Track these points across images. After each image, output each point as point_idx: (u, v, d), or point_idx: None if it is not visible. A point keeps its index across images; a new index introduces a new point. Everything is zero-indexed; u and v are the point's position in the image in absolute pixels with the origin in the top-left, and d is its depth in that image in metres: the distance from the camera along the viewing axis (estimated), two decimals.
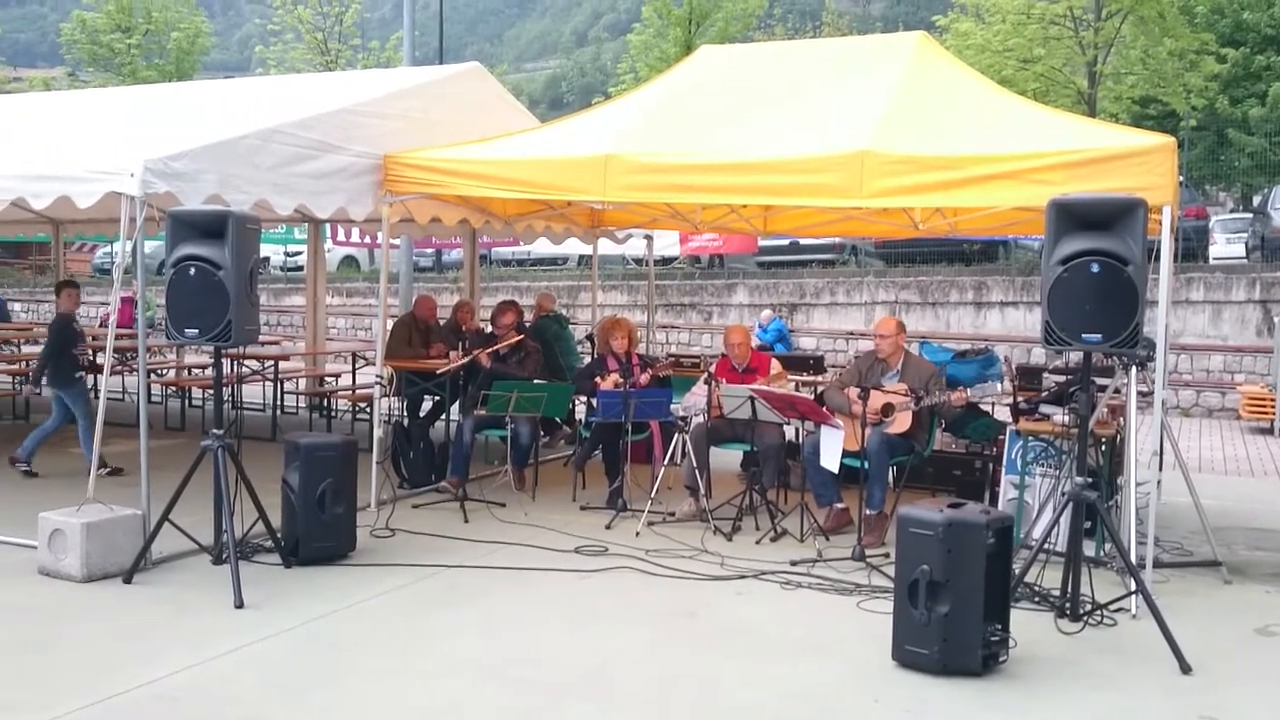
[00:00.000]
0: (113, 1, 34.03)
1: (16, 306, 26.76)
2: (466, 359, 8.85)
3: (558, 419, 10.09)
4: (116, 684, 4.72)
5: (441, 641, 5.45)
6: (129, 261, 6.65)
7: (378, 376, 8.37)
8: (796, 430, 8.94)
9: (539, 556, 6.96)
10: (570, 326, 11.83)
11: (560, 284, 23.18)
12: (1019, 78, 23.38)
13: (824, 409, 7.68)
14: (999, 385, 8.88)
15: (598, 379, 8.64)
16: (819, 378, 10.88)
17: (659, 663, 5.23)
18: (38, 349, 15.16)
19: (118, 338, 7.26)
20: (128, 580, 6.15)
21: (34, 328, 18.19)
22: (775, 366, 8.59)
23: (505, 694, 4.81)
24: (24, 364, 13.29)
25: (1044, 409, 7.54)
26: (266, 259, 28.98)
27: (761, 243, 22.67)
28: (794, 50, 10.12)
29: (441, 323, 10.61)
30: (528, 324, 10.12)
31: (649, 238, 12.02)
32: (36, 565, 6.27)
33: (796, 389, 9.32)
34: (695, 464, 7.88)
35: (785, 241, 21.80)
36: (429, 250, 28.43)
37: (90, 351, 8.60)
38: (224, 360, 6.90)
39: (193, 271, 6.11)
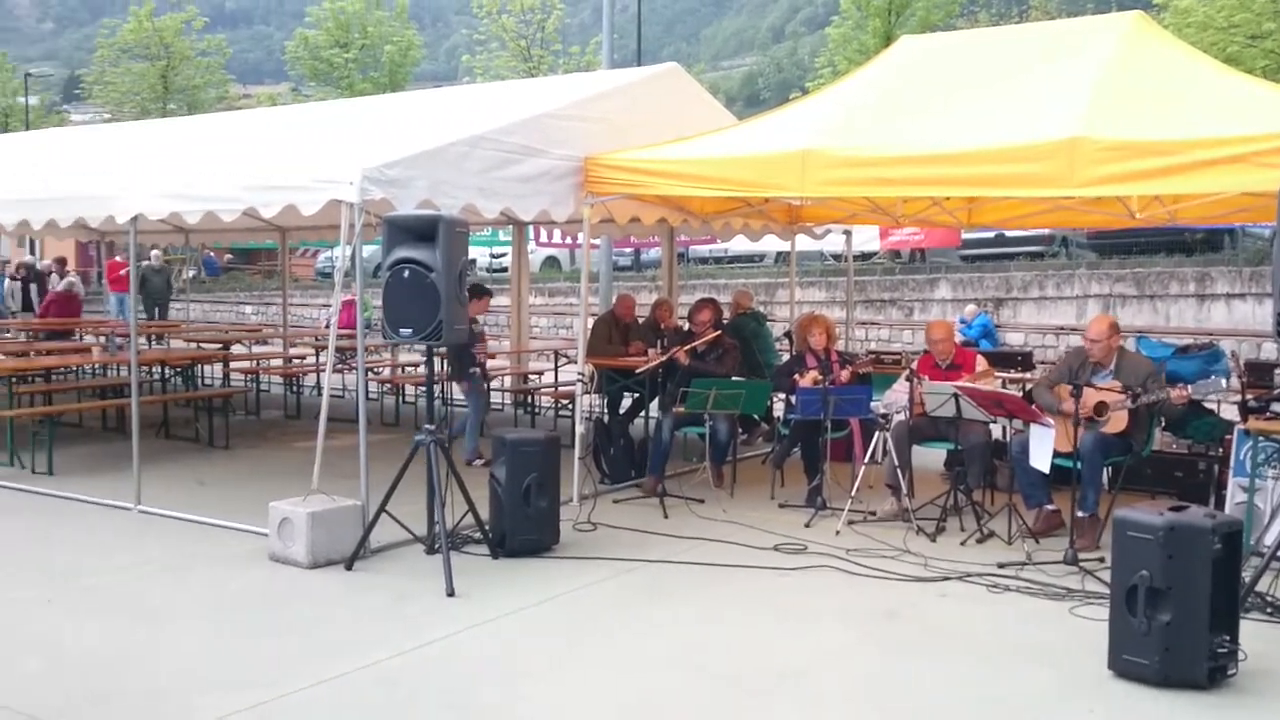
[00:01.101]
0: (332, 19, 35.94)
1: (247, 309, 28.60)
2: (665, 357, 8.94)
3: (756, 416, 10.07)
4: (339, 666, 4.99)
5: (642, 635, 5.53)
6: (349, 265, 7.01)
7: (579, 374, 8.55)
8: (1003, 429, 8.65)
9: (738, 553, 6.96)
10: (768, 323, 11.79)
11: (758, 281, 23.12)
12: (1245, 55, 21.91)
13: (1033, 407, 7.40)
14: (1224, 382, 8.35)
15: (796, 376, 8.58)
16: (1027, 375, 10.49)
17: (860, 663, 5.16)
18: (267, 349, 16.17)
19: (339, 338, 7.65)
20: (349, 567, 6.49)
21: (263, 329, 19.39)
22: (981, 363, 8.34)
23: (705, 690, 4.84)
24: (255, 362, 14.19)
25: (1276, 407, 7.06)
26: (473, 260, 30.03)
27: (965, 235, 22.02)
28: (999, 36, 9.80)
29: (640, 321, 10.75)
30: (725, 321, 10.14)
31: (848, 233, 11.86)
32: (267, 551, 6.69)
33: (1003, 386, 9.02)
34: (897, 462, 7.73)
35: (990, 234, 21.12)
36: (628, 249, 28.85)
37: (486, 352, 9.25)
38: (435, 359, 7.18)
39: (406, 274, 6.39)
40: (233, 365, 13.87)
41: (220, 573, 6.48)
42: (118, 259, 20.90)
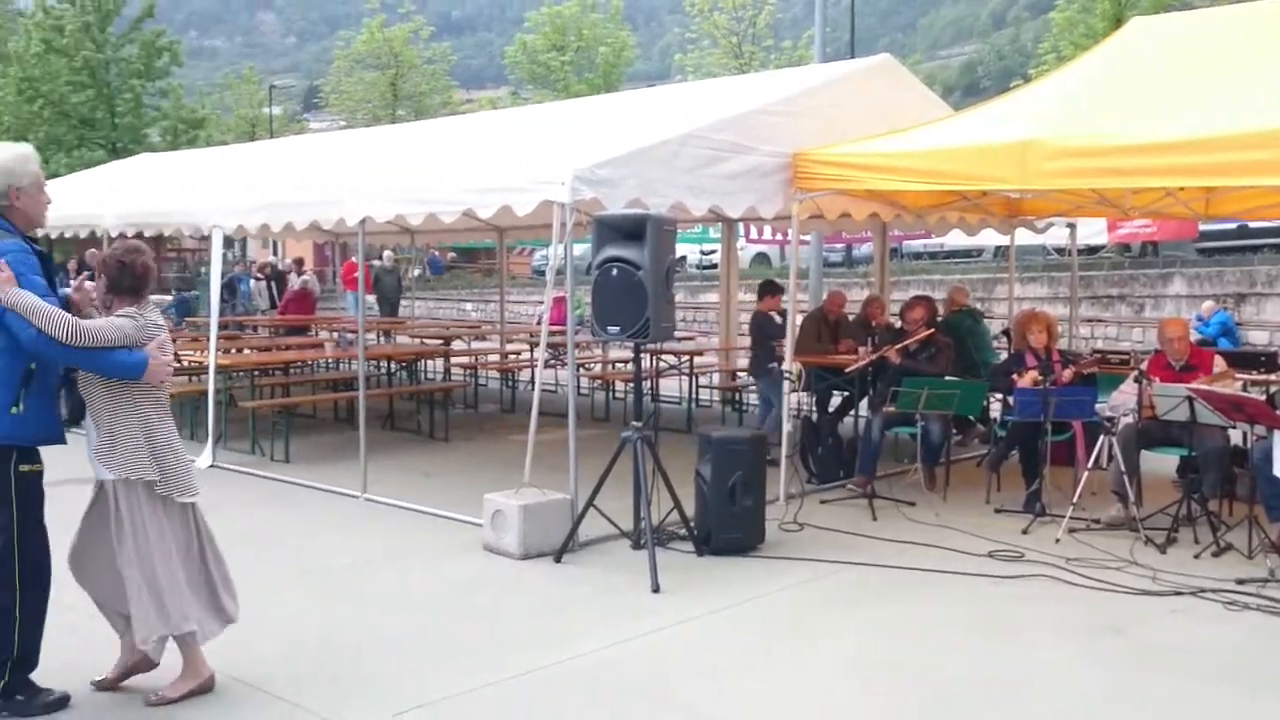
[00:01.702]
0: (549, 23, 36.91)
1: (468, 306, 29.69)
2: (875, 355, 8.76)
3: (971, 417, 9.73)
4: (548, 655, 5.11)
5: (846, 639, 5.43)
6: (560, 263, 7.16)
7: (787, 372, 8.47)
8: (1244, 434, 8.05)
9: (949, 559, 6.74)
10: (985, 321, 11.37)
11: (974, 277, 22.38)
12: None
13: (1278, 412, 6.86)
14: None
15: (1014, 376, 8.24)
16: (1271, 376, 9.73)
17: (1077, 681, 4.90)
18: (486, 345, 16.74)
19: (550, 334, 7.84)
20: (557, 560, 6.63)
21: (482, 325, 20.08)
22: (1219, 364, 7.80)
23: (908, 699, 4.70)
24: (473, 358, 14.72)
25: None
26: (683, 258, 30.22)
27: (1202, 227, 20.67)
28: (1242, 15, 9.13)
29: (851, 318, 10.57)
30: (939, 319, 9.84)
31: (1072, 226, 11.32)
32: (481, 541, 6.92)
33: (1244, 388, 8.40)
34: (1124, 468, 7.31)
35: (1231, 225, 19.73)
36: (839, 245, 28.45)
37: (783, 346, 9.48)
38: (643, 356, 7.25)
39: (615, 272, 6.48)
40: (453, 360, 14.43)
41: (438, 561, 6.75)
42: (352, 259, 22.09)
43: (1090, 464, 7.69)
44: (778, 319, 9.94)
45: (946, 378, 8.44)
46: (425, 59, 42.71)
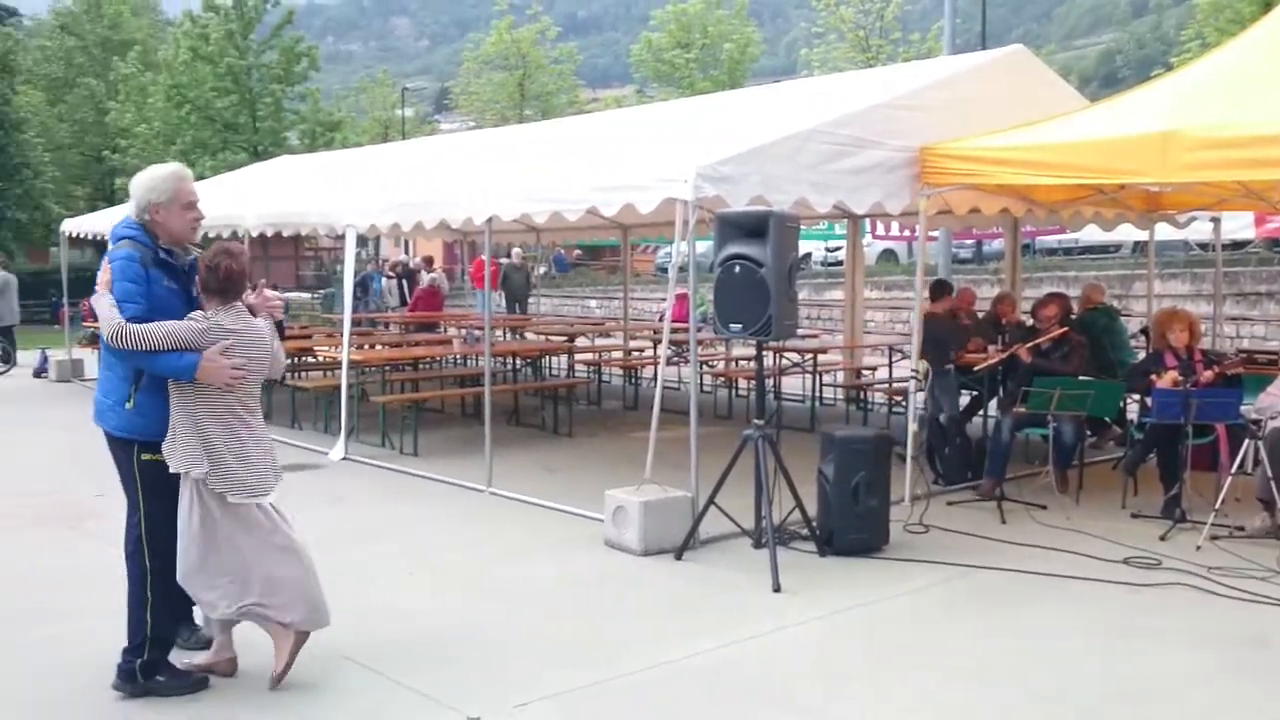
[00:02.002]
0: (674, 21, 36.98)
1: (592, 303, 29.94)
2: (1005, 354, 8.53)
3: (1106, 418, 9.41)
4: (665, 652, 5.12)
5: (969, 645, 5.30)
6: (683, 261, 7.16)
7: (913, 370, 8.32)
8: None
9: (1081, 565, 6.53)
10: (1121, 319, 10.98)
11: (1111, 273, 21.62)
12: None
13: None
14: None
15: (1153, 376, 7.93)
16: None
17: (1216, 693, 4.70)
18: (609, 342, 16.85)
19: (673, 332, 7.85)
20: (678, 557, 6.63)
21: (605, 322, 20.22)
22: None
23: (1035, 710, 4.57)
24: (597, 354, 14.83)
25: None
26: (807, 255, 29.93)
27: None
28: None
29: (980, 316, 10.32)
30: (1073, 317, 9.54)
31: (1216, 220, 10.83)
32: (603, 537, 6.97)
33: None
34: (1271, 474, 6.96)
35: None
36: (969, 241, 27.83)
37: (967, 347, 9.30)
38: (765, 353, 7.21)
39: (737, 269, 6.44)
40: (577, 357, 14.56)
41: (560, 555, 6.81)
42: (481, 257, 22.48)
43: (1234, 469, 7.35)
44: (964, 320, 9.70)
45: (1080, 377, 8.18)
46: (552, 59, 43.24)
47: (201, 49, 30.92)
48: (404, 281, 23.56)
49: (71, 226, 17.27)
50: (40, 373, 16.94)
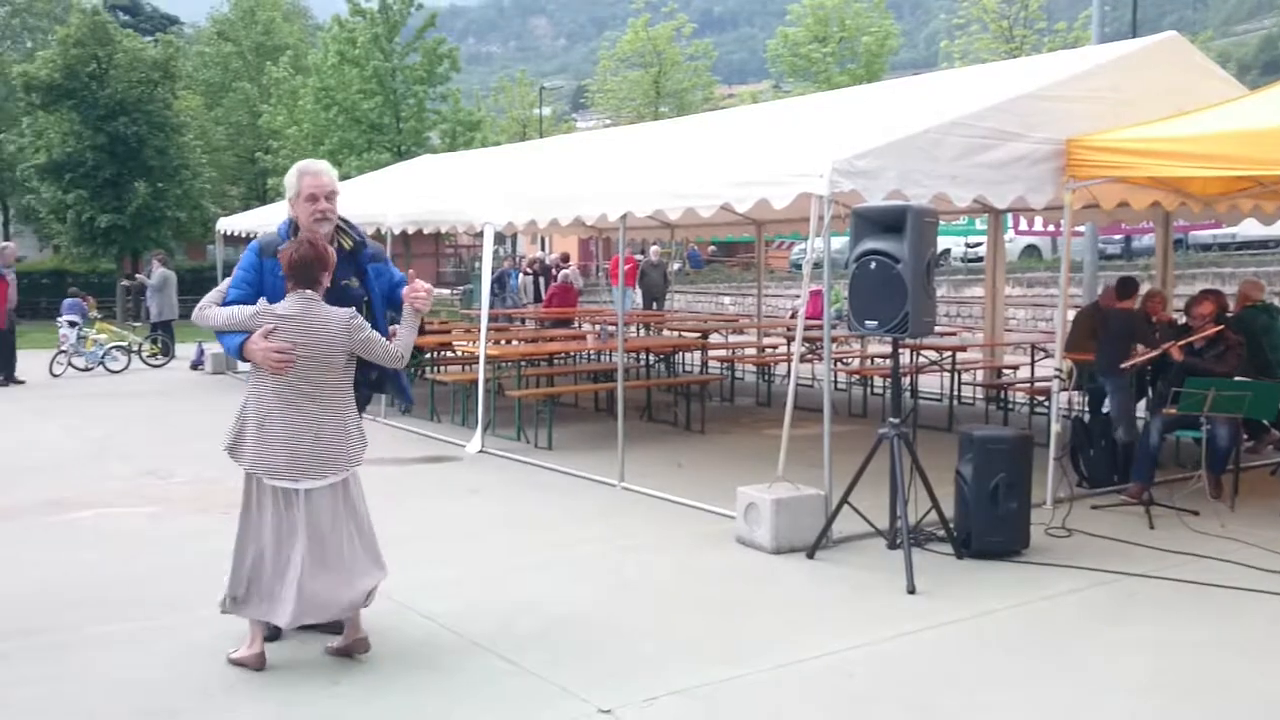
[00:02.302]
0: (811, 15, 36.62)
1: (726, 300, 29.90)
2: (1156, 353, 8.21)
3: (1264, 421, 8.97)
4: (796, 651, 5.07)
5: (1115, 654, 5.11)
6: (818, 257, 7.09)
7: (1057, 369, 8.07)
8: None
9: (1237, 574, 6.23)
10: None
11: (1271, 269, 20.60)
12: None
13: None
14: None
15: None
16: None
17: None
18: (742, 338, 16.81)
19: (806, 328, 7.78)
20: (810, 556, 6.57)
21: (739, 319, 20.17)
22: None
23: None
24: (730, 351, 14.81)
25: None
26: (946, 251, 29.34)
27: None
28: None
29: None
30: (1229, 315, 9.11)
31: None
32: (734, 534, 6.95)
33: None
34: None
35: None
36: (1116, 237, 26.87)
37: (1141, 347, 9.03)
38: (902, 351, 7.08)
39: (873, 265, 6.35)
40: (710, 353, 14.55)
41: (691, 551, 6.82)
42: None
43: None
44: (1153, 319, 9.36)
45: (1236, 378, 7.81)
46: (687, 56, 43.29)
47: (348, 52, 31.88)
48: (541, 279, 23.90)
49: (226, 225, 18.05)
50: (197, 365, 17.74)
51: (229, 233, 17.71)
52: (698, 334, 15.66)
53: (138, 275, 24.84)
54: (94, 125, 29.09)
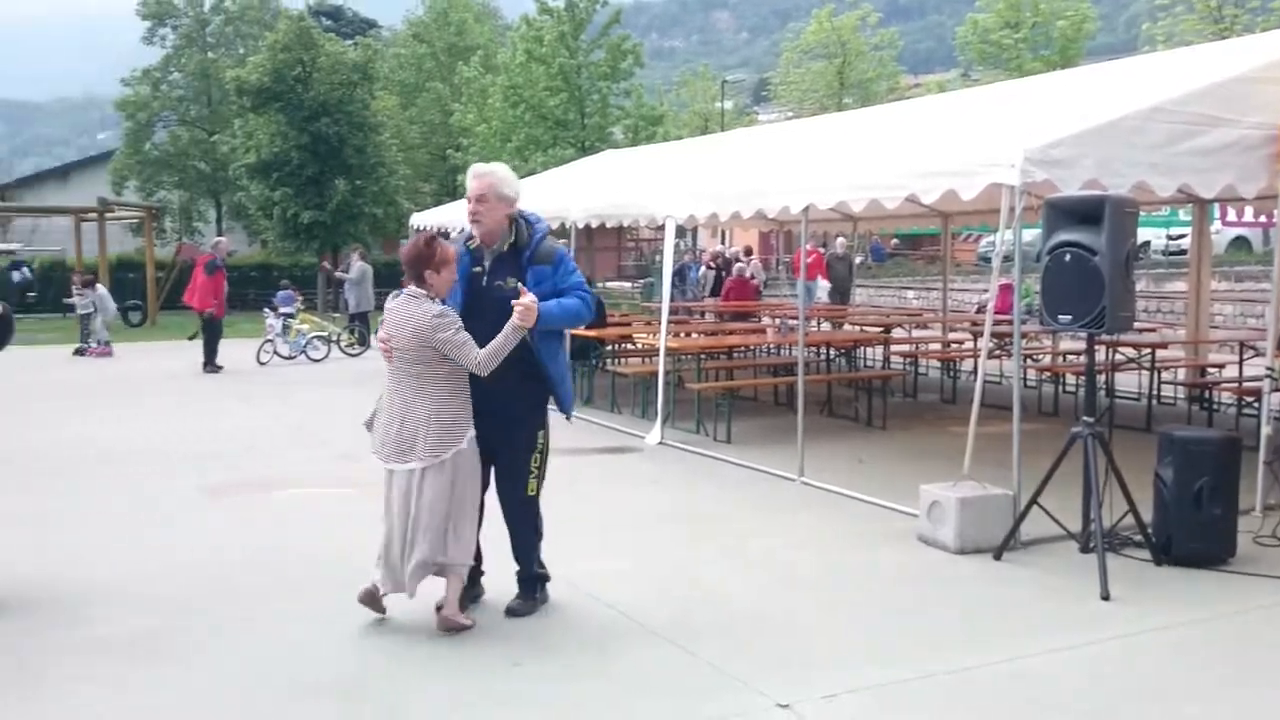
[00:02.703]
0: (1002, 0, 35.42)
1: (909, 294, 29.28)
2: None
3: None
4: (980, 656, 4.93)
5: None
6: (1008, 250, 6.86)
7: (1268, 368, 7.58)
8: None
9: None
10: None
11: None
12: None
13: None
14: None
15: None
16: None
17: None
18: (927, 333, 16.43)
19: (995, 323, 7.54)
20: (997, 557, 6.38)
21: (923, 313, 19.72)
22: None
23: None
24: (914, 346, 14.50)
25: None
26: (1146, 243, 27.96)
27: None
28: None
29: None
30: None
31: None
32: (916, 532, 6.81)
33: None
34: None
35: None
36: None
37: None
38: (1097, 347, 6.80)
39: (1068, 258, 6.11)
40: (893, 348, 14.29)
41: (869, 548, 6.72)
42: (808, 247, 22.42)
43: None
44: None
45: None
46: (872, 46, 42.55)
47: (535, 50, 32.59)
48: (722, 272, 23.90)
49: (419, 220, 18.72)
50: None
51: (421, 228, 18.36)
52: (880, 328, 15.39)
53: (325, 266, 26.09)
54: (299, 126, 30.61)
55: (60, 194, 39.44)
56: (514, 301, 5.02)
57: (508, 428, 5.31)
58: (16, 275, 29.57)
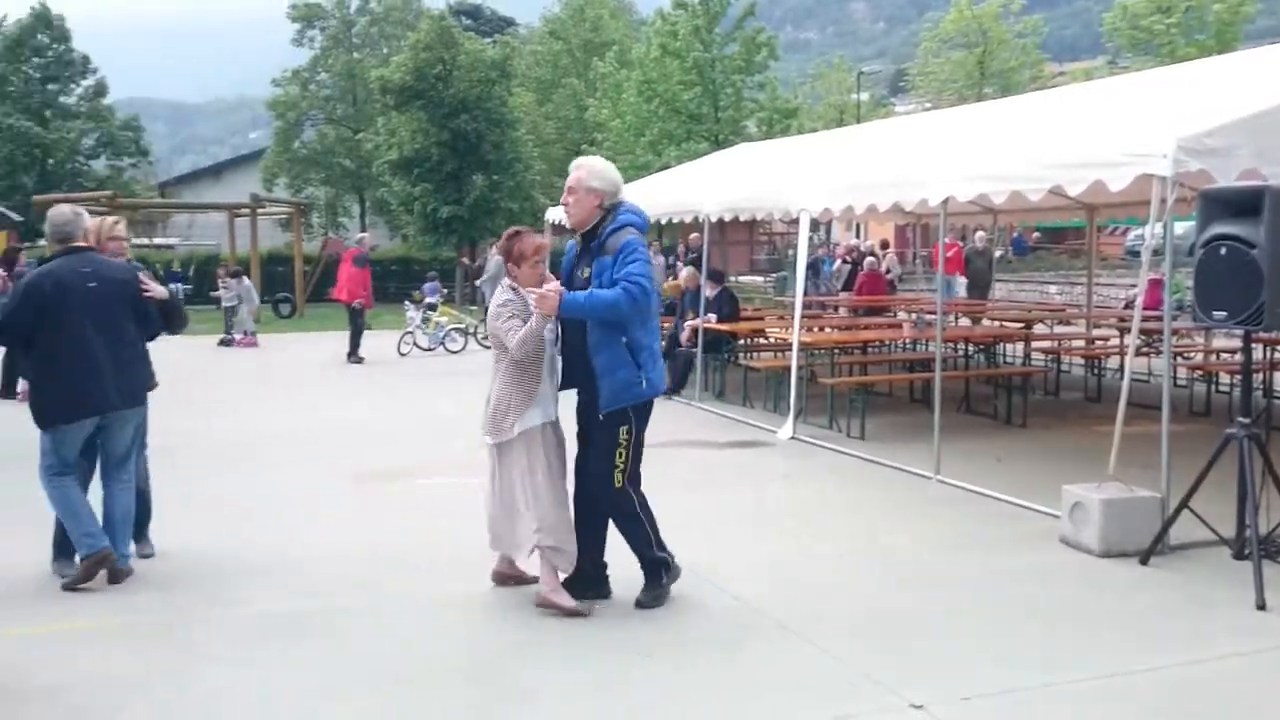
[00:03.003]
0: None
1: (1052, 289, 28.44)
2: None
3: None
4: (1123, 663, 4.77)
5: None
6: (1158, 243, 6.61)
7: None
8: None
9: None
10: None
11: None
12: None
13: None
14: None
15: None
16: None
17: None
18: (1070, 329, 15.93)
19: (1143, 319, 7.27)
20: (1143, 562, 6.15)
21: (1066, 309, 19.14)
22: None
23: None
24: (1056, 342, 14.06)
25: None
26: None
27: None
28: None
29: None
30: None
31: None
32: (1057, 534, 6.62)
33: None
34: None
35: None
36: None
37: None
38: (1254, 345, 6.50)
39: (1223, 251, 5.85)
40: (1034, 345, 13.90)
41: (1008, 549, 6.56)
42: (946, 241, 21.93)
43: None
44: None
45: None
46: (1015, 33, 41.39)
47: (670, 45, 32.65)
48: (857, 266, 23.59)
49: (555, 215, 18.94)
50: None
51: (556, 222, 18.59)
52: (1021, 324, 14.98)
53: (464, 261, 26.61)
54: (439, 123, 31.31)
55: (215, 191, 41.27)
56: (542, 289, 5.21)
57: (591, 419, 5.42)
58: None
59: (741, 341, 14.02)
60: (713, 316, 12.83)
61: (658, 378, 5.39)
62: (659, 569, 5.53)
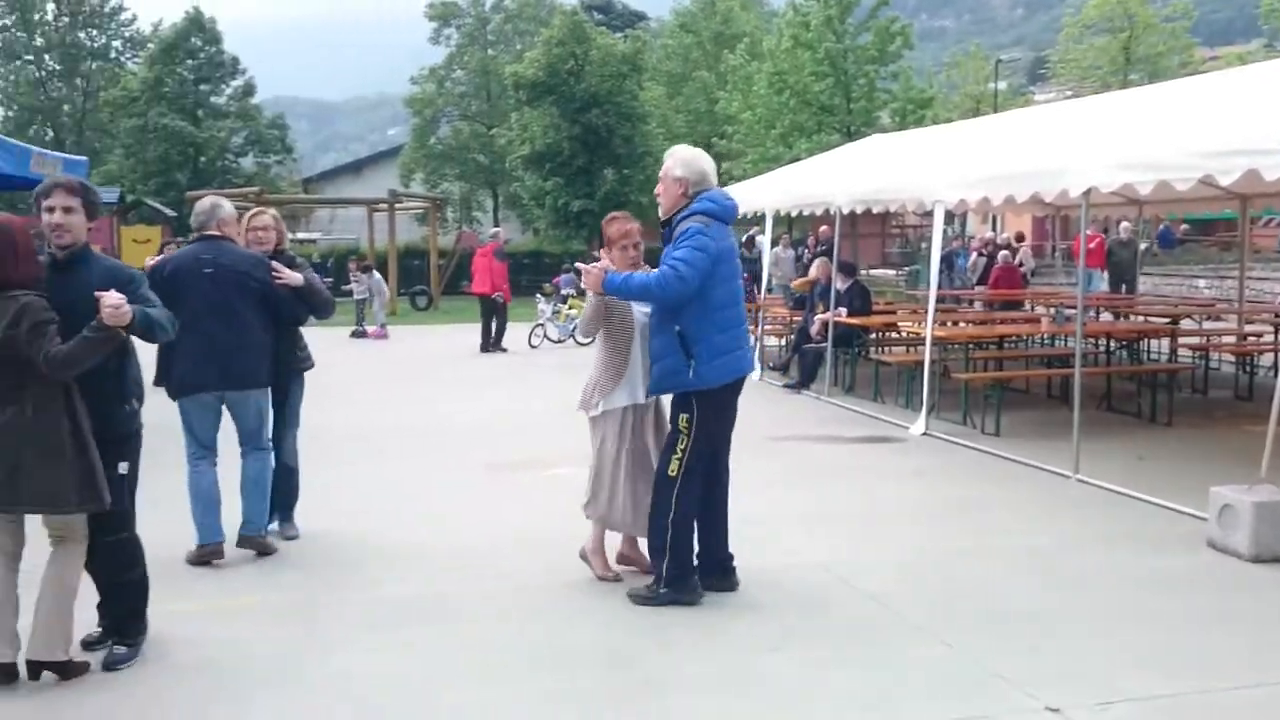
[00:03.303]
0: None
1: (1200, 283, 27.31)
2: None
3: None
4: (1270, 674, 4.57)
5: None
6: None
7: None
8: None
9: None
10: None
11: None
12: None
13: None
14: None
15: None
16: None
17: None
18: (1220, 325, 15.27)
19: None
20: None
21: (1216, 304, 18.36)
22: None
23: None
24: (1205, 339, 13.50)
25: None
26: None
27: None
28: None
29: None
30: None
31: None
32: (1204, 537, 6.36)
33: None
34: None
35: None
36: None
37: None
38: None
39: None
40: (1180, 341, 13.38)
41: (1150, 551, 6.34)
42: (1088, 232, 21.24)
43: None
44: None
45: None
46: (1163, 17, 39.85)
47: (801, 36, 32.34)
48: (993, 260, 23.01)
49: None
50: None
51: None
52: (1167, 319, 14.42)
53: (596, 254, 26.81)
54: (570, 118, 31.68)
55: (354, 186, 42.54)
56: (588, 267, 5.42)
57: (661, 406, 5.62)
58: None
59: (873, 335, 13.83)
60: (843, 310, 12.69)
61: (711, 372, 5.23)
62: (659, 569, 5.42)
